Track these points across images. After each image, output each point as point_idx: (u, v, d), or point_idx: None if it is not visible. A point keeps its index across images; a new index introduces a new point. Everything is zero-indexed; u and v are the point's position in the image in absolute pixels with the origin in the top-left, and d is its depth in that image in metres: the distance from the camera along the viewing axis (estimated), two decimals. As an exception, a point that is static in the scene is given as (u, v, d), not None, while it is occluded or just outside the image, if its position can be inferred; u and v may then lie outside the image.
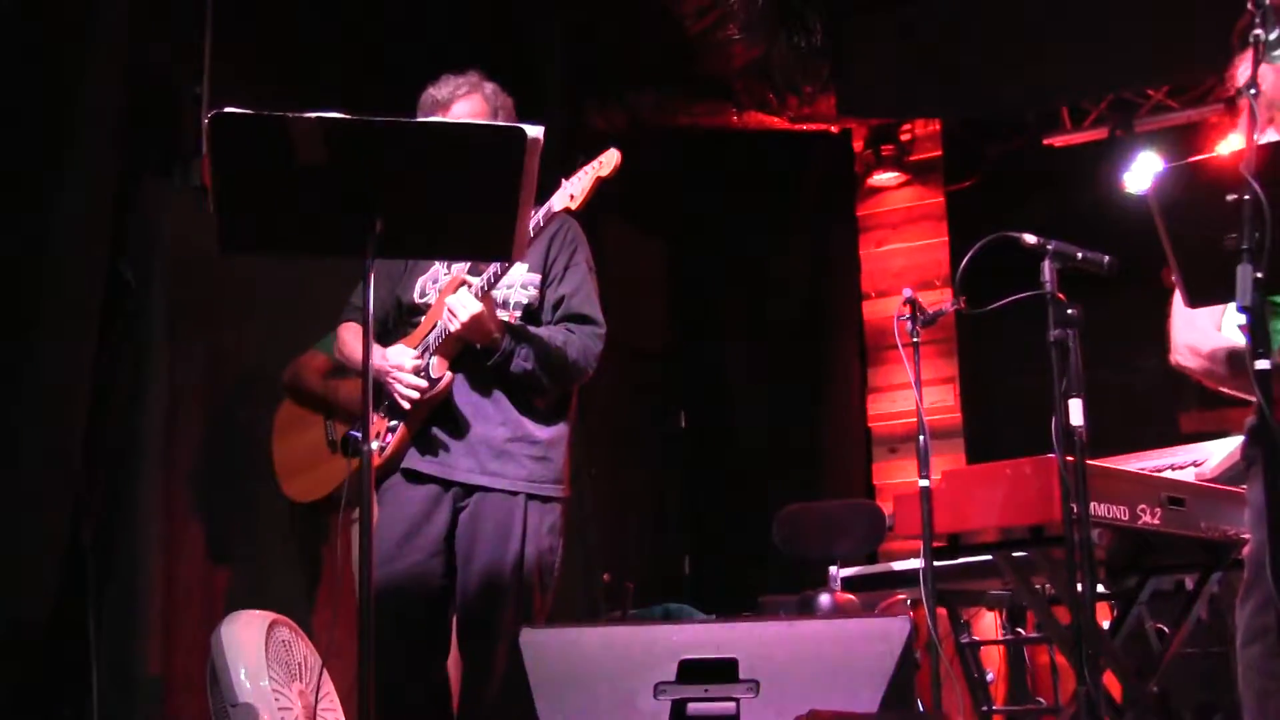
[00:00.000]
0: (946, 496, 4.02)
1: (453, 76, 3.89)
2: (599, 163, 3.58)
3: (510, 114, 3.90)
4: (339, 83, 5.88)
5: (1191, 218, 2.93)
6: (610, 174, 3.56)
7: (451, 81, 3.87)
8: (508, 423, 3.69)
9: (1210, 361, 3.33)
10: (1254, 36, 2.98)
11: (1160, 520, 4.06)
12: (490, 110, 3.85)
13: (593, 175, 3.57)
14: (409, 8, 6.33)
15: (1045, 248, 3.47)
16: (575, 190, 3.56)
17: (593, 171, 3.57)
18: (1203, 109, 7.37)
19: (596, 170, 3.57)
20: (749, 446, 8.38)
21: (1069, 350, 3.33)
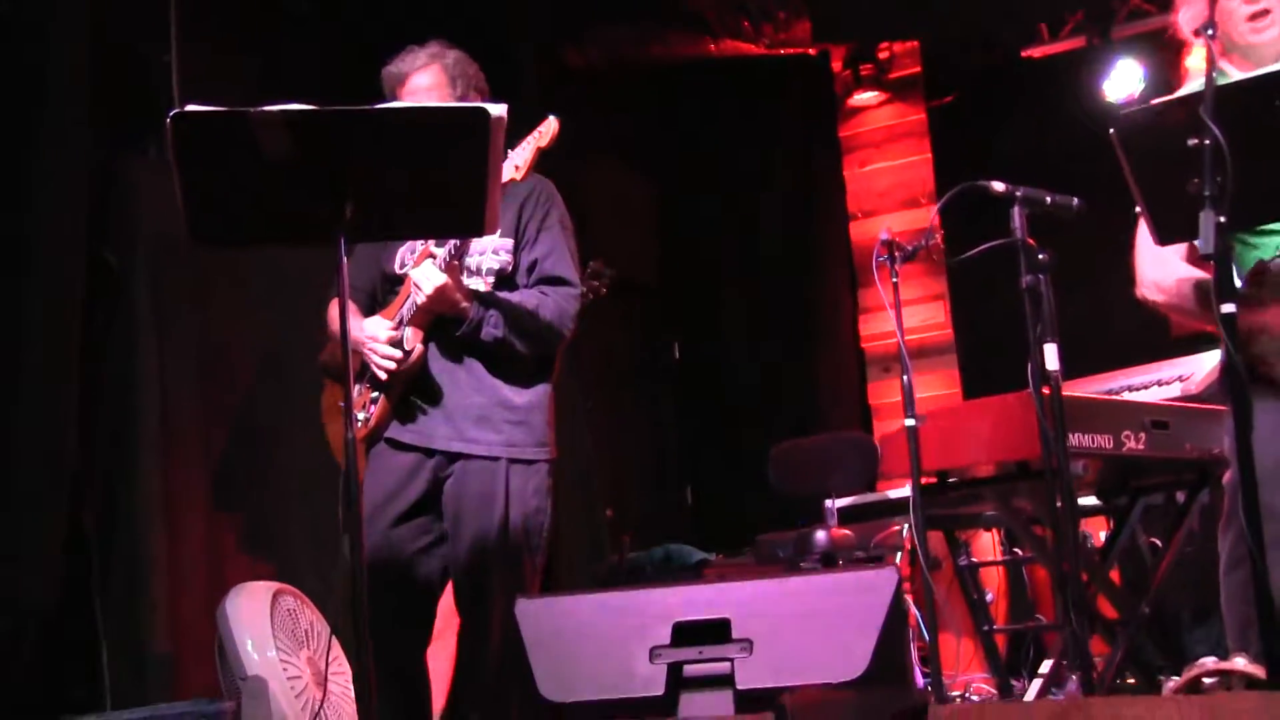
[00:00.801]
0: (933, 434, 4.07)
1: (414, 49, 3.87)
2: (538, 133, 3.60)
3: (473, 81, 3.87)
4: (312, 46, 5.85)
5: (1156, 161, 2.94)
6: (549, 144, 3.58)
7: (411, 55, 3.85)
8: (483, 389, 3.71)
9: (1177, 297, 3.36)
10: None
11: (1145, 445, 4.12)
12: (449, 79, 3.82)
13: (533, 145, 3.58)
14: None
15: (1014, 194, 3.47)
16: (519, 161, 3.57)
17: (533, 142, 3.59)
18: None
19: (536, 140, 3.59)
20: (743, 375, 8.41)
21: (1041, 296, 3.35)
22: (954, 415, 4.19)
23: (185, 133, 2.88)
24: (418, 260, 3.73)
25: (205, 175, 2.94)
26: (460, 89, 3.83)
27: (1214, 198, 2.71)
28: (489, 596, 3.62)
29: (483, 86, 3.91)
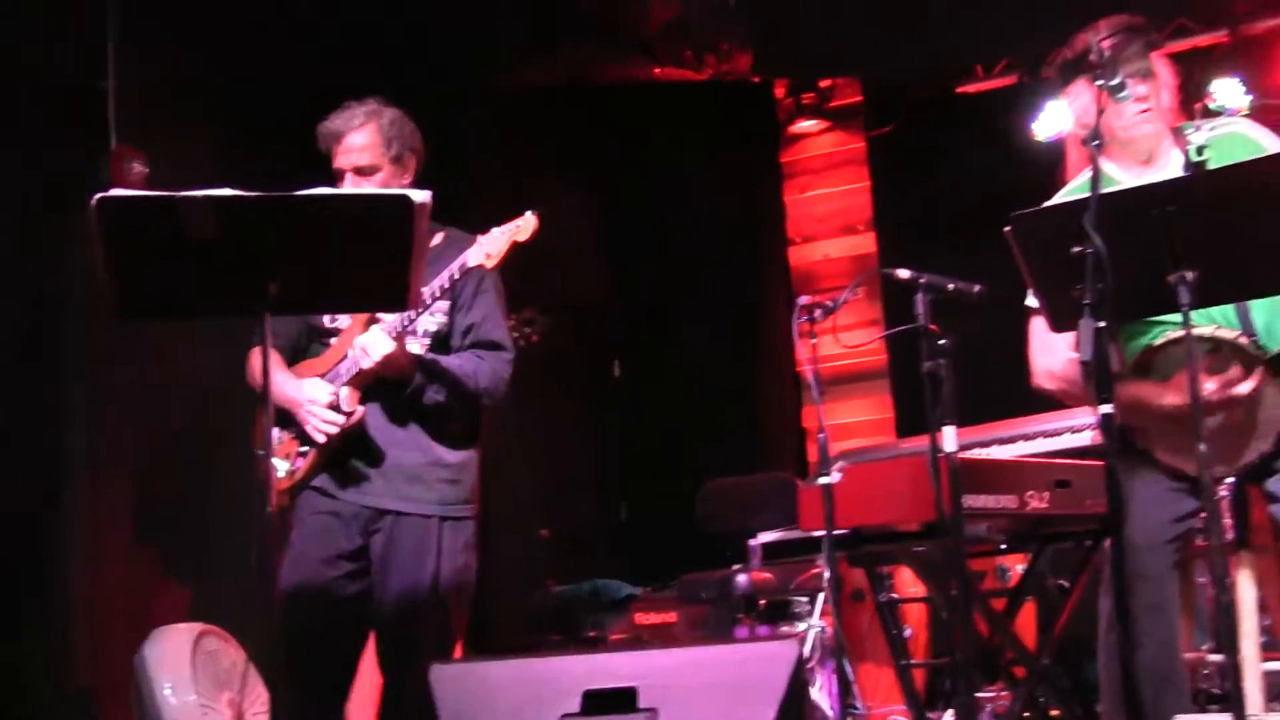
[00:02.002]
0: (847, 491, 4.20)
1: (351, 105, 3.96)
2: (517, 226, 3.70)
3: (409, 141, 3.96)
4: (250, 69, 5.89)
5: (1046, 259, 3.10)
6: (527, 239, 3.69)
7: (348, 112, 3.93)
8: (420, 449, 3.83)
9: (1067, 383, 3.54)
10: (1099, 85, 3.14)
11: (1048, 504, 4.27)
12: (384, 140, 3.90)
13: (509, 238, 3.69)
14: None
15: (917, 281, 3.62)
16: (492, 250, 3.68)
17: (509, 234, 3.69)
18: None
19: (513, 233, 3.69)
20: (683, 394, 8.53)
21: (941, 380, 3.50)
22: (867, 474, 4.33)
23: (111, 214, 2.98)
24: (361, 324, 3.82)
25: (131, 255, 3.03)
26: (396, 149, 3.93)
27: (1093, 305, 2.86)
28: (417, 649, 3.73)
29: (418, 146, 4.00)
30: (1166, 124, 3.60)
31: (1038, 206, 3.23)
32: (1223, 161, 3.37)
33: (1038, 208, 3.17)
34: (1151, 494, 3.49)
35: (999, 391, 4.77)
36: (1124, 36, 3.48)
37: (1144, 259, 3.01)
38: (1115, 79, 3.19)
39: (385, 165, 3.89)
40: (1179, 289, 3.00)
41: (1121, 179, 3.56)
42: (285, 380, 3.83)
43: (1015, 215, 3.10)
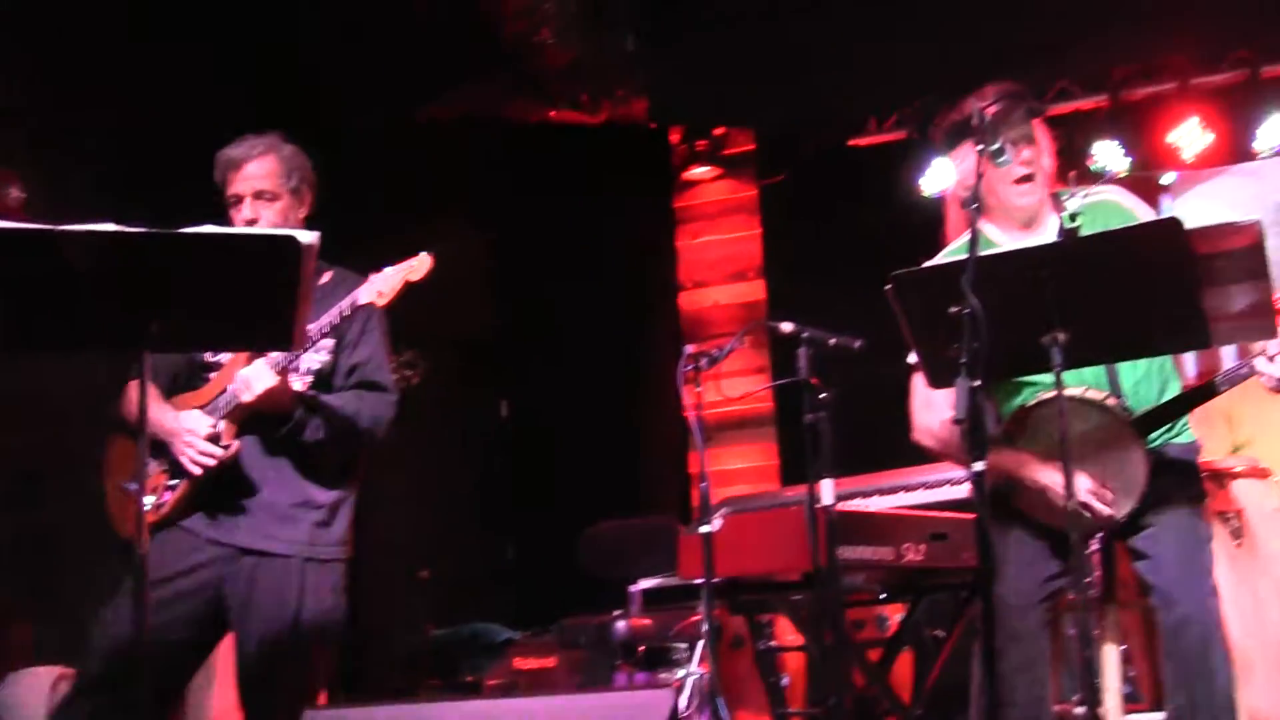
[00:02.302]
0: (727, 540, 4.25)
1: (250, 137, 3.94)
2: (411, 266, 3.70)
3: (306, 177, 3.95)
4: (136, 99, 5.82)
5: (926, 317, 3.17)
6: (420, 279, 3.68)
7: (248, 142, 3.92)
8: (292, 487, 3.78)
9: (945, 444, 3.61)
10: (980, 150, 3.23)
11: (924, 556, 4.37)
12: (284, 171, 3.90)
13: (402, 277, 3.68)
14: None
15: (799, 335, 3.68)
16: (384, 288, 3.66)
17: (403, 273, 3.68)
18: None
19: (407, 273, 3.69)
20: (569, 436, 8.53)
21: (821, 434, 3.56)
22: (747, 523, 4.40)
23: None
24: (244, 358, 3.78)
25: (9, 288, 2.98)
26: (295, 180, 3.92)
27: (969, 364, 2.93)
28: (278, 690, 3.68)
29: (313, 182, 3.99)
30: (1045, 190, 3.70)
31: (918, 266, 3.29)
32: (1095, 228, 3.48)
33: (917, 267, 3.24)
34: (1023, 553, 3.57)
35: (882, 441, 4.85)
36: (1007, 104, 3.57)
37: (1019, 320, 3.09)
38: (996, 144, 3.27)
39: (285, 195, 3.89)
40: (1051, 350, 3.08)
41: (1001, 241, 3.65)
42: (163, 410, 3.78)
43: (896, 275, 3.16)
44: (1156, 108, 7.73)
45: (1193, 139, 7.56)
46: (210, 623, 3.76)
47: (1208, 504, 4.04)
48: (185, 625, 3.71)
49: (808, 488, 3.62)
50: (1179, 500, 3.55)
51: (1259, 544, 4.47)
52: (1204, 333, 3.16)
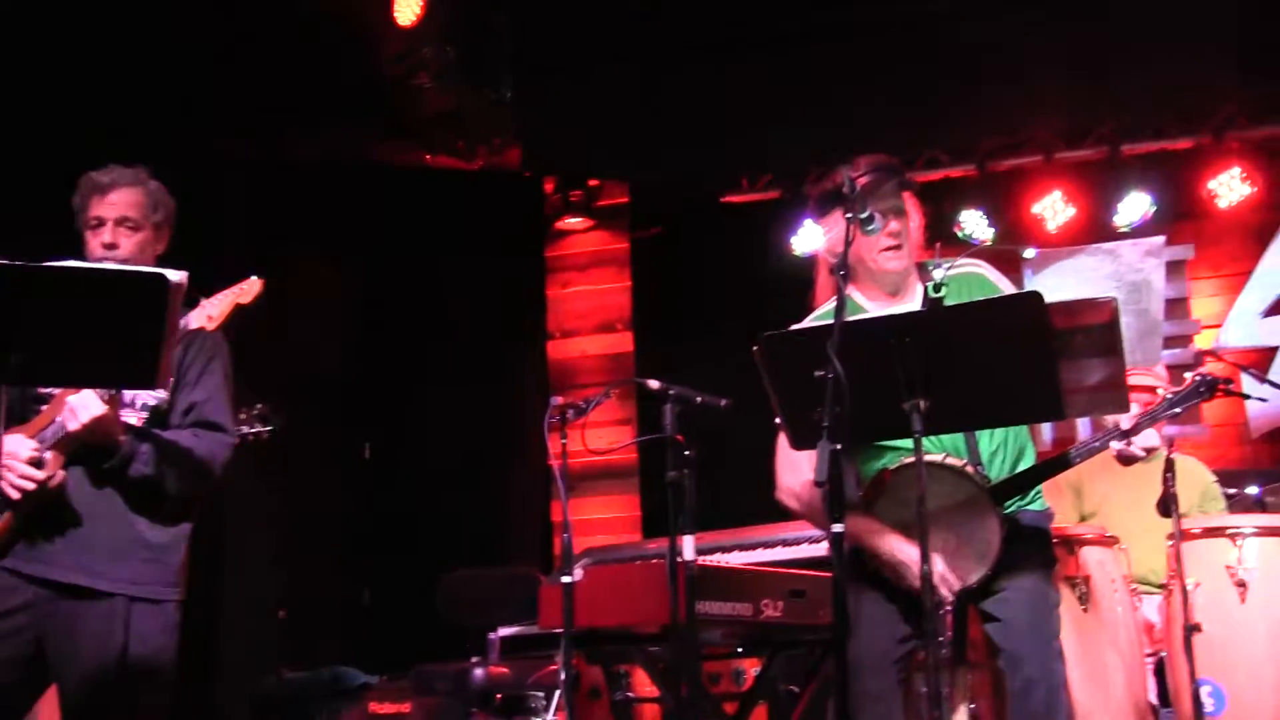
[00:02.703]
0: (587, 591, 4.25)
1: (117, 166, 3.88)
2: (240, 289, 3.66)
3: (169, 212, 3.91)
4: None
5: (790, 380, 3.22)
6: (250, 302, 3.64)
7: (117, 170, 3.86)
8: (121, 524, 3.68)
9: (807, 507, 3.66)
10: (850, 218, 3.30)
11: (782, 613, 4.42)
12: (151, 203, 3.85)
13: (232, 300, 3.64)
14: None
15: (666, 392, 3.71)
16: (213, 312, 3.62)
17: (232, 296, 3.65)
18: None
19: (236, 296, 3.65)
20: (433, 481, 8.48)
21: (684, 490, 3.59)
22: (608, 575, 4.42)
23: None
24: None
25: None
26: (159, 215, 3.87)
27: (831, 428, 2.98)
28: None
29: (173, 219, 3.95)
30: (912, 259, 3.79)
31: (786, 327, 3.35)
32: (960, 299, 3.58)
33: (784, 330, 3.29)
34: (878, 613, 3.63)
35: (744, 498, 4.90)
36: (878, 174, 3.65)
37: (882, 386, 3.15)
38: (866, 213, 3.34)
39: (147, 227, 3.84)
40: (912, 416, 3.14)
41: (868, 308, 3.73)
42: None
43: (763, 336, 3.21)
44: (1022, 179, 7.98)
45: (1055, 211, 7.82)
46: (39, 663, 3.65)
47: (1057, 570, 4.16)
48: (11, 667, 3.61)
49: (669, 542, 3.64)
50: (1030, 566, 3.64)
51: (1105, 610, 4.58)
52: (1060, 405, 3.25)
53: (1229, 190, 7.59)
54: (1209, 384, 3.81)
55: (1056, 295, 3.16)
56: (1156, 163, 7.76)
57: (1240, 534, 4.57)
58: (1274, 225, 7.65)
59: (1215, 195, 7.62)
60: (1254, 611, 4.48)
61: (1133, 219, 7.62)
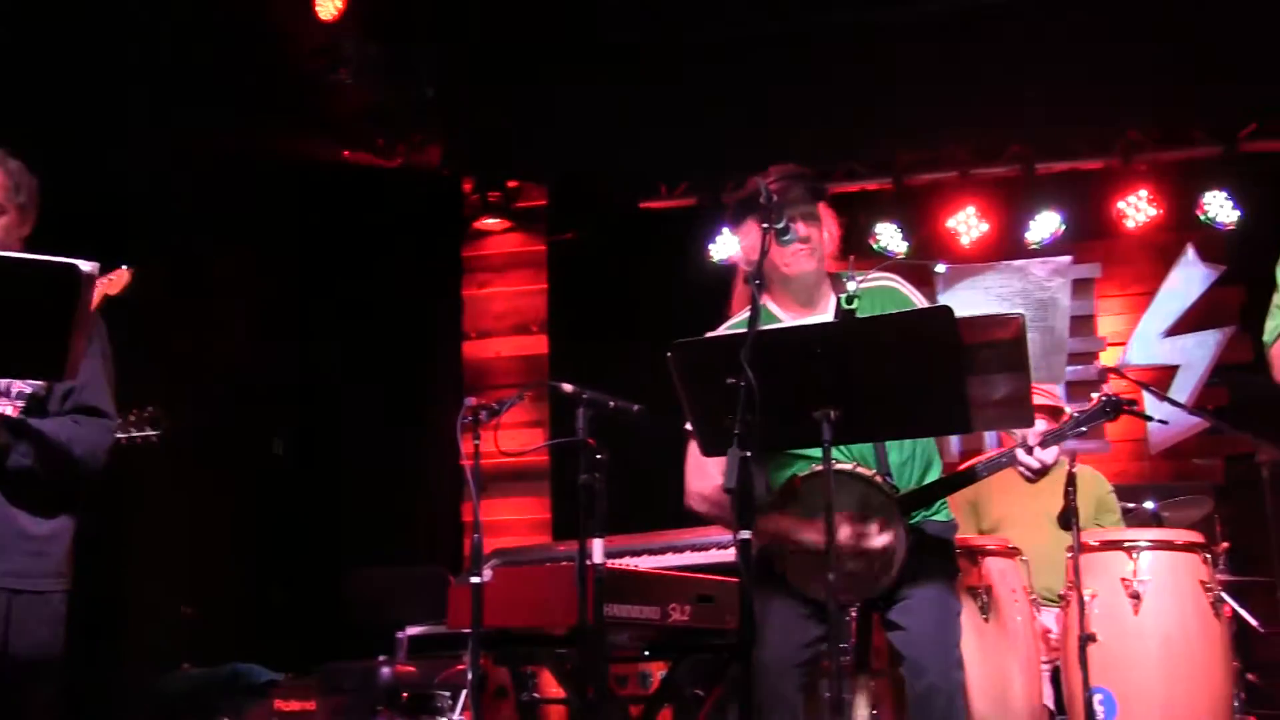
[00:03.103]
0: (496, 592, 4.26)
1: None
2: (110, 279, 3.65)
3: (33, 194, 3.79)
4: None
5: (702, 388, 3.25)
6: (118, 292, 3.62)
7: None
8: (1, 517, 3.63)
9: (718, 508, 3.70)
10: (764, 227, 3.34)
11: (690, 617, 4.45)
12: (13, 186, 3.74)
13: (101, 291, 3.61)
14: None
15: (580, 397, 3.73)
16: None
17: (101, 288, 3.61)
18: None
19: (105, 287, 3.63)
20: (345, 478, 8.43)
21: (595, 494, 3.61)
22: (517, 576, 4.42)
23: None
24: None
25: None
26: (24, 197, 3.77)
27: (741, 435, 3.03)
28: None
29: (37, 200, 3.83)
30: (825, 268, 3.84)
31: (700, 334, 3.38)
32: (874, 312, 3.63)
33: (698, 338, 3.32)
34: (785, 619, 3.68)
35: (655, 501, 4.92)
36: (792, 184, 3.70)
37: (793, 394, 3.20)
38: (781, 222, 3.39)
39: (12, 210, 3.75)
40: (823, 425, 3.19)
41: (783, 318, 3.78)
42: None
43: (676, 344, 3.24)
44: (937, 194, 8.10)
45: (969, 227, 7.94)
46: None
47: (960, 580, 4.23)
48: None
49: (579, 545, 3.66)
50: (933, 576, 3.71)
51: (1005, 619, 4.67)
52: (967, 418, 3.31)
53: (1136, 211, 7.76)
54: (1114, 404, 3.90)
55: (966, 311, 3.22)
56: (1068, 182, 7.91)
57: (1136, 547, 4.69)
58: (1178, 247, 7.84)
59: (1123, 216, 7.79)
60: (1146, 622, 4.60)
61: (1044, 236, 7.77)
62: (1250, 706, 5.60)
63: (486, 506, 8.11)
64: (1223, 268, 7.60)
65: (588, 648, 3.71)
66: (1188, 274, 7.81)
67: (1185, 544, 4.76)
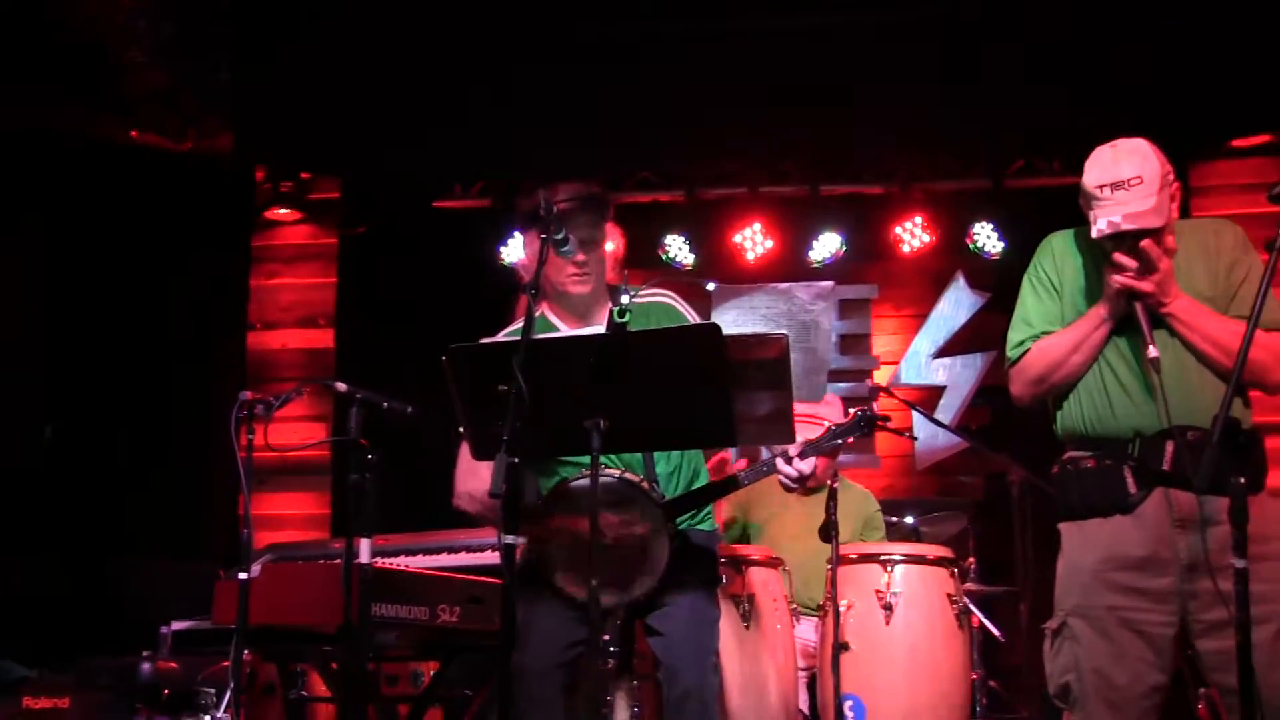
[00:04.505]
0: (264, 589, 4.24)
1: None
2: None
3: None
4: None
5: (476, 393, 3.30)
6: None
7: None
8: None
9: (486, 511, 3.76)
10: (543, 239, 3.42)
11: (459, 618, 4.50)
12: None
13: None
14: None
15: (354, 396, 3.75)
16: None
17: None
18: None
19: None
20: (120, 467, 8.19)
21: (365, 493, 3.64)
22: (285, 573, 4.42)
23: None
24: None
25: None
26: None
27: (510, 442, 3.09)
28: None
29: None
30: (603, 285, 3.93)
31: (475, 341, 3.43)
32: (648, 326, 3.74)
33: (472, 344, 3.37)
34: (549, 622, 3.76)
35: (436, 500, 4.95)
36: (577, 201, 3.77)
37: (564, 403, 3.27)
38: (560, 236, 3.47)
39: None
40: (592, 435, 3.27)
41: (561, 328, 3.86)
42: None
43: (451, 349, 3.29)
44: (726, 209, 8.28)
45: (755, 243, 8.14)
46: None
47: (723, 587, 4.38)
48: None
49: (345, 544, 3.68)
50: (694, 583, 3.82)
51: (765, 626, 4.84)
52: (732, 432, 3.44)
53: (912, 237, 8.08)
54: (869, 420, 4.08)
55: (734, 329, 3.34)
56: (850, 205, 8.19)
57: (891, 560, 4.90)
58: (949, 273, 8.20)
59: (900, 240, 8.11)
60: (896, 632, 4.82)
61: (825, 256, 8.02)
62: (991, 711, 5.92)
63: (268, 500, 8.16)
64: (988, 295, 7.99)
65: (351, 646, 3.72)
66: (957, 299, 8.19)
67: (936, 558, 5.00)
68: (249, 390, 8.15)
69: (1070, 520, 3.52)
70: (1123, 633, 3.37)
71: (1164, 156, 3.45)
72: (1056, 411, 3.59)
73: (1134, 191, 3.35)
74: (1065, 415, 3.55)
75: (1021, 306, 3.67)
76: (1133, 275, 3.36)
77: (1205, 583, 3.25)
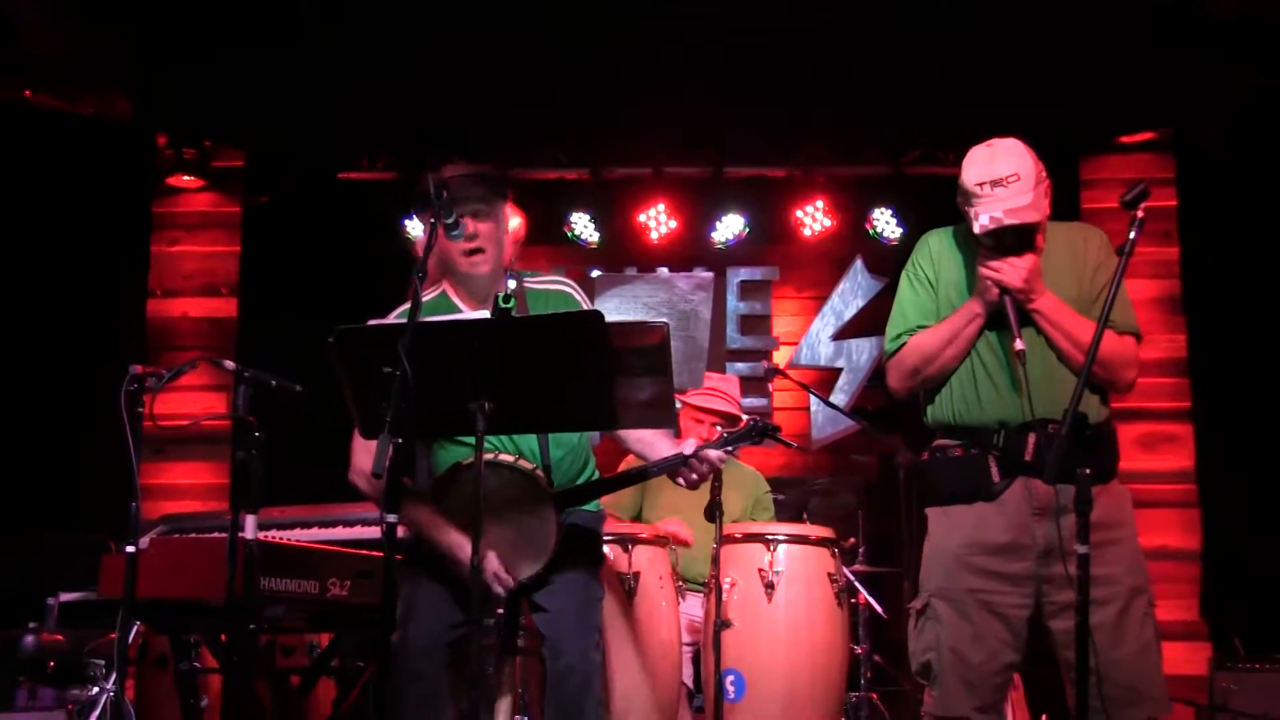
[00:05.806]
0: (154, 561, 4.26)
1: None
2: None
3: None
4: None
5: (363, 374, 3.35)
6: None
7: None
8: None
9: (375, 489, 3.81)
10: (432, 222, 3.47)
11: (349, 592, 4.56)
12: None
13: None
14: None
15: (241, 374, 3.78)
16: None
17: None
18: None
19: None
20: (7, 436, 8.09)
21: (251, 471, 3.67)
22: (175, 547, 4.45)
23: None
24: None
25: None
26: None
27: (394, 422, 3.14)
28: None
29: None
30: (500, 267, 3.97)
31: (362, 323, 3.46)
32: (544, 311, 3.81)
33: (359, 325, 3.40)
34: (435, 599, 3.81)
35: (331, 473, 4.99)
36: (469, 181, 3.82)
37: (451, 385, 3.33)
38: (450, 218, 3.52)
39: None
40: (476, 416, 3.33)
41: (462, 309, 3.91)
42: None
43: (338, 330, 3.33)
44: (631, 189, 8.35)
45: (659, 223, 8.22)
46: None
47: (610, 565, 4.46)
48: None
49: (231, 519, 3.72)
50: (578, 563, 3.90)
51: (650, 603, 4.95)
52: (614, 416, 3.52)
53: (813, 220, 8.21)
54: (760, 429, 4.15)
55: (617, 316, 3.41)
56: (753, 187, 8.31)
57: (775, 540, 5.03)
58: (850, 257, 8.35)
59: (801, 224, 8.23)
60: (777, 610, 4.96)
61: (728, 237, 8.13)
62: (874, 685, 6.08)
63: (169, 470, 8.12)
64: (886, 280, 8.14)
65: (237, 619, 3.77)
66: (856, 283, 8.35)
67: (818, 539, 5.13)
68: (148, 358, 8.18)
69: (937, 505, 3.66)
70: (982, 614, 3.52)
71: (1036, 155, 3.58)
72: (927, 404, 3.72)
73: (1012, 188, 3.48)
74: (936, 406, 3.69)
75: (899, 302, 3.79)
76: (1003, 270, 3.50)
77: (1058, 567, 3.40)
